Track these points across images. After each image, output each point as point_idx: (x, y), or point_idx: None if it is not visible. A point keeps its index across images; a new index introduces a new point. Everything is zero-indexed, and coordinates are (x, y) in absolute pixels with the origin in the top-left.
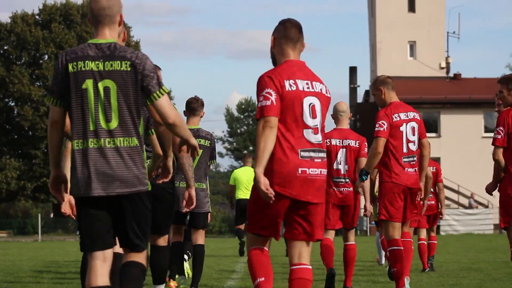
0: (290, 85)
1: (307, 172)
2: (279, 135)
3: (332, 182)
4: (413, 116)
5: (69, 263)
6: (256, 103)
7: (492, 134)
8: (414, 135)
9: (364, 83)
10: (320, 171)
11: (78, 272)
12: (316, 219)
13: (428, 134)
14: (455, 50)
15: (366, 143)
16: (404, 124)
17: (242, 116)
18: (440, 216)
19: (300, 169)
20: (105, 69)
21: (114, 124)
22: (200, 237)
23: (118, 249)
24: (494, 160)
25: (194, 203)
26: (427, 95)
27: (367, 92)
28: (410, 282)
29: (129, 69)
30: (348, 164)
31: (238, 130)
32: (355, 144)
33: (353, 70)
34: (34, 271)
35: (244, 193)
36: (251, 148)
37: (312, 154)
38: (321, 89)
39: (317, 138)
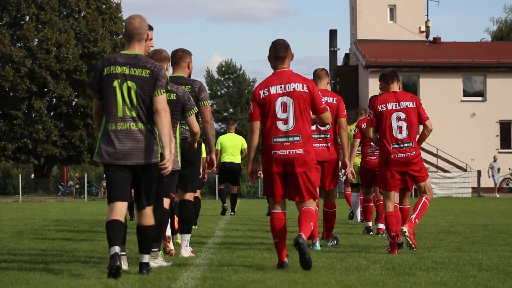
0: (264, 93)
1: (277, 154)
2: (263, 128)
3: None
4: (293, 88)
5: (49, 223)
6: None
7: (471, 98)
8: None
9: (344, 46)
10: (289, 152)
11: (58, 231)
12: (300, 185)
13: None
14: (435, 14)
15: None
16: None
17: (222, 79)
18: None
19: (272, 152)
20: (130, 73)
21: (134, 113)
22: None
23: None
24: (367, 137)
25: (215, 165)
26: (406, 59)
27: (347, 55)
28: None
29: (147, 75)
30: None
31: (219, 92)
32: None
33: (333, 33)
34: (14, 232)
35: (229, 157)
36: (231, 110)
37: (281, 139)
38: (294, 88)
39: (288, 126)
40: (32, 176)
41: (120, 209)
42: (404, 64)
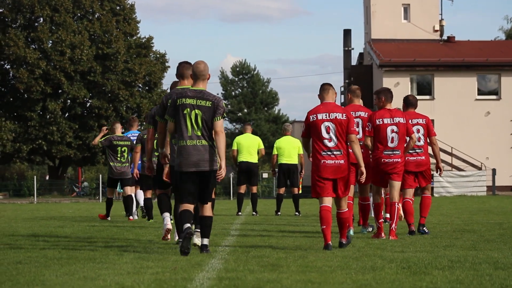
0: (313, 117)
1: (326, 163)
2: (313, 144)
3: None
4: (335, 116)
5: (64, 224)
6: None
7: (485, 97)
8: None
9: (358, 45)
10: (334, 162)
11: (73, 233)
12: (341, 186)
13: (421, 97)
14: (449, 13)
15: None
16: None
17: (236, 79)
18: (439, 171)
19: (322, 161)
20: (197, 104)
21: (199, 133)
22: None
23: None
24: (365, 145)
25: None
26: (421, 58)
27: (361, 54)
28: (404, 243)
29: (210, 105)
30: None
31: (233, 93)
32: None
33: (347, 33)
34: (29, 233)
35: (245, 157)
36: (245, 110)
37: (328, 153)
38: (336, 116)
39: (331, 144)
40: (47, 177)
41: (188, 206)
42: (418, 63)
